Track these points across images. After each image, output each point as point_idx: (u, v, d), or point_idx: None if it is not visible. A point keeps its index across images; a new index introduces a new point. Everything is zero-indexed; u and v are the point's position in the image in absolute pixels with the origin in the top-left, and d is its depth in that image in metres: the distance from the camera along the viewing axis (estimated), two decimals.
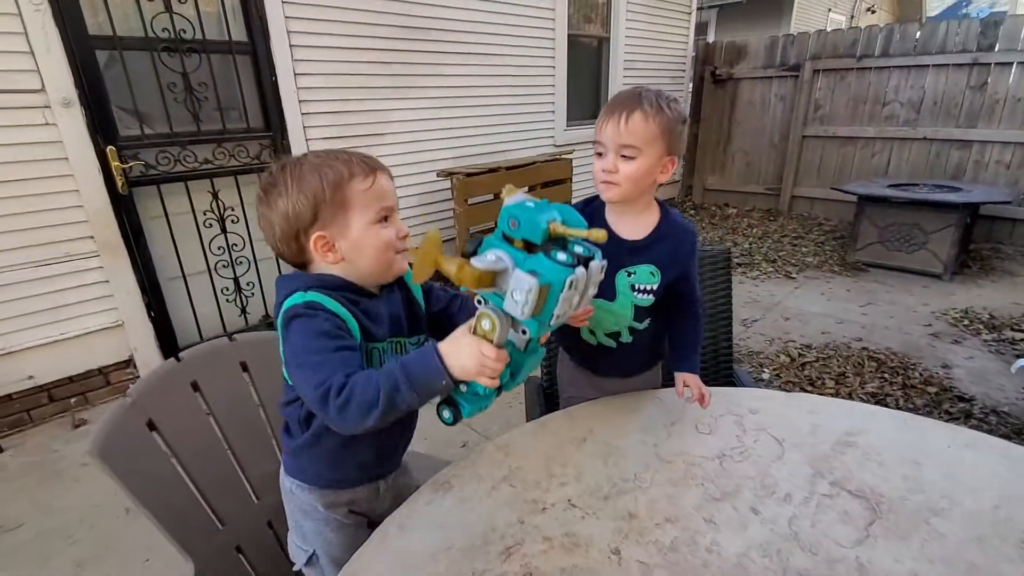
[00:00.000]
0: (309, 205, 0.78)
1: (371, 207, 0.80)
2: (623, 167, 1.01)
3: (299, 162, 0.80)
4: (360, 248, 0.80)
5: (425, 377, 0.69)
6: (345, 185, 0.79)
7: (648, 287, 1.09)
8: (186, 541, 1.00)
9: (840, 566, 0.75)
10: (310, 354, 0.73)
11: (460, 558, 0.79)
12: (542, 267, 0.63)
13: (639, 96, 1.01)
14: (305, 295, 0.77)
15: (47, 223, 2.32)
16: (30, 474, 2.19)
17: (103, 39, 2.33)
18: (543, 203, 0.67)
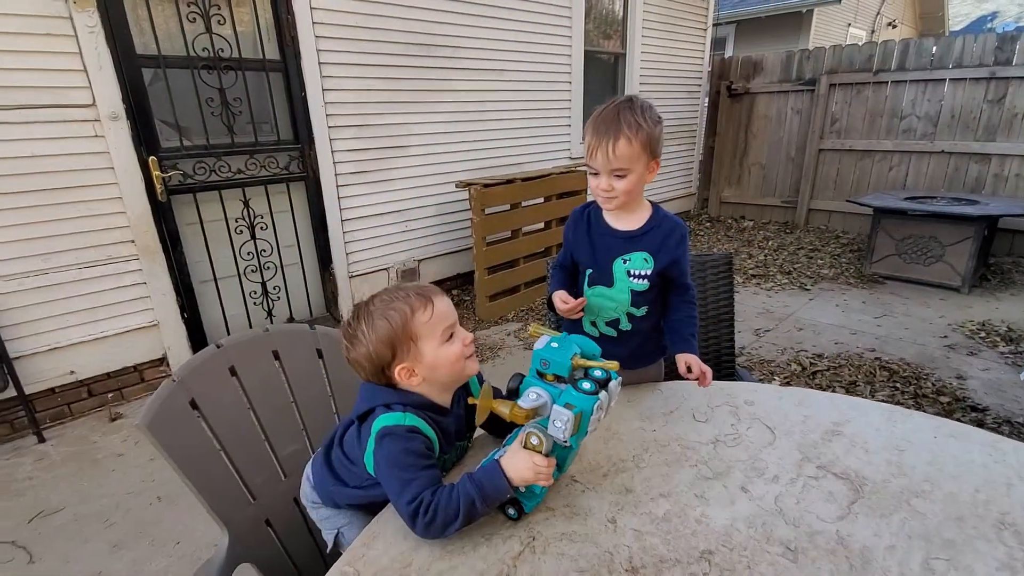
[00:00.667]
0: (386, 347, 0.90)
1: (436, 331, 0.91)
2: (617, 184, 1.15)
3: (367, 312, 0.92)
4: (436, 367, 0.92)
5: (495, 492, 0.83)
6: (410, 322, 0.90)
7: (642, 272, 1.21)
8: (222, 512, 1.09)
9: (820, 538, 0.82)
10: (406, 470, 0.85)
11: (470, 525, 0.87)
12: (573, 399, 0.80)
13: (618, 119, 1.11)
14: (405, 417, 0.89)
15: (93, 228, 2.49)
16: (70, 463, 2.33)
17: (149, 58, 2.51)
18: (566, 341, 0.87)
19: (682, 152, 6.31)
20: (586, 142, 1.17)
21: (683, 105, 6.11)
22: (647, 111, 1.13)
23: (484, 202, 3.51)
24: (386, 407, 0.91)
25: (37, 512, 2.04)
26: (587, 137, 1.16)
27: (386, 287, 0.97)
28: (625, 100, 1.15)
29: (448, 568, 0.78)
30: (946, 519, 0.85)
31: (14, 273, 2.34)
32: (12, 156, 2.25)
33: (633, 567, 0.77)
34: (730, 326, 1.57)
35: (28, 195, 2.31)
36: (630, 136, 1.10)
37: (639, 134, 1.10)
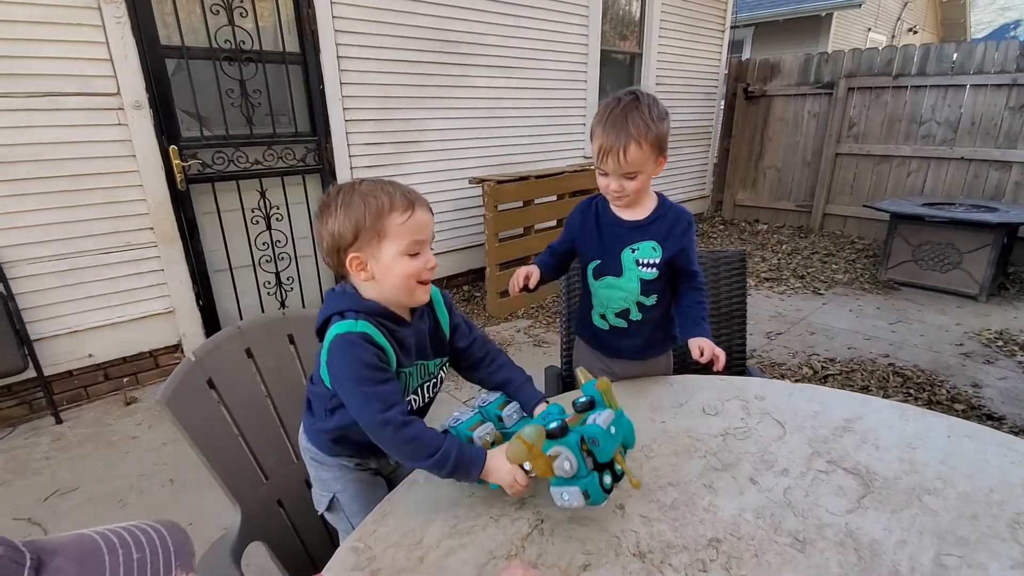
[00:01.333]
0: (351, 228, 0.88)
1: (404, 238, 0.88)
2: (628, 185, 1.16)
3: (352, 189, 0.90)
4: (388, 273, 0.89)
5: (465, 474, 0.85)
6: (385, 215, 0.87)
7: (651, 261, 1.22)
8: (235, 489, 1.11)
9: (829, 530, 0.81)
10: (363, 384, 0.85)
11: (479, 504, 0.88)
12: (592, 489, 0.79)
13: (627, 122, 1.10)
14: (357, 324, 0.87)
15: (113, 214, 2.53)
16: (86, 444, 2.37)
17: (172, 48, 2.56)
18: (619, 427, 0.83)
19: (697, 154, 6.28)
20: (595, 145, 1.16)
21: (699, 107, 6.08)
22: (653, 108, 1.12)
23: (497, 198, 3.52)
24: (340, 315, 0.90)
25: (53, 491, 2.08)
26: (596, 140, 1.15)
27: (377, 179, 0.94)
28: (631, 98, 1.13)
29: (458, 545, 0.80)
30: (959, 517, 0.84)
31: (37, 256, 2.39)
32: (39, 142, 2.30)
33: (640, 552, 0.78)
34: (742, 324, 1.57)
35: (53, 180, 2.36)
36: (640, 140, 1.10)
37: (648, 136, 1.10)
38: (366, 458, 1.08)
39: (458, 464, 0.83)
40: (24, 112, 2.24)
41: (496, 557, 0.77)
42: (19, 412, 2.51)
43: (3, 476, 2.16)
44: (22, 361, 2.39)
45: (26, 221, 2.34)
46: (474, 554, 0.78)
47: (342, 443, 1.03)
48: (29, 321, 2.41)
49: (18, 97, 2.22)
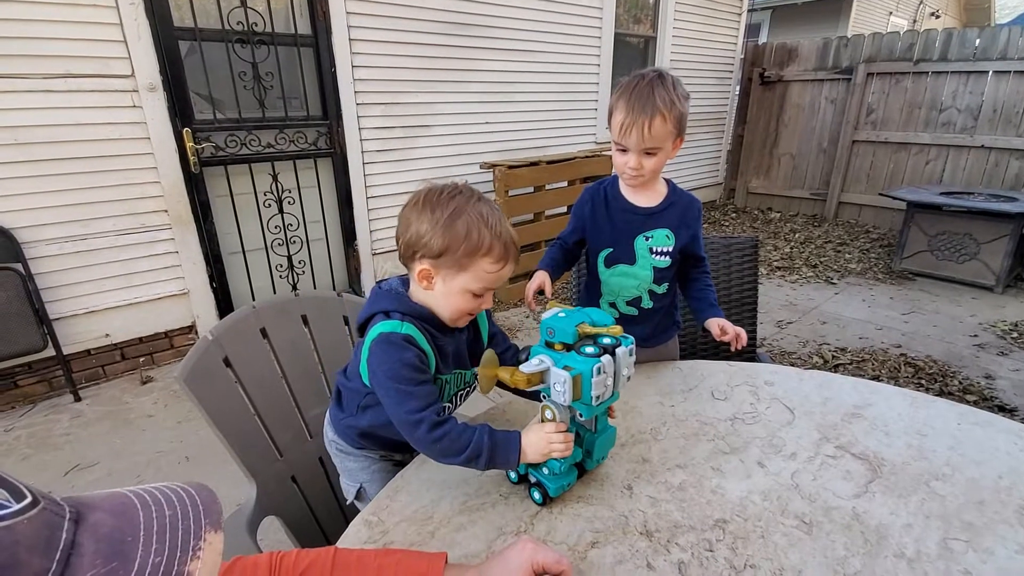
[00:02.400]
0: (440, 245, 0.84)
1: (480, 283, 0.87)
2: (647, 163, 1.13)
3: (465, 205, 0.85)
4: (446, 297, 0.89)
5: (503, 460, 0.83)
6: (478, 256, 0.85)
7: (665, 249, 1.21)
8: (251, 464, 1.13)
9: (836, 513, 0.82)
10: (400, 382, 0.85)
11: (488, 482, 0.90)
12: (574, 362, 0.78)
13: (653, 96, 1.07)
14: (402, 326, 0.87)
15: (129, 196, 2.57)
16: (104, 421, 2.43)
17: (185, 30, 2.56)
18: (575, 312, 0.84)
19: (710, 140, 6.20)
20: (616, 119, 1.12)
21: (713, 92, 5.99)
22: (678, 86, 1.11)
23: (508, 183, 3.51)
24: (385, 315, 0.89)
25: (73, 466, 2.14)
26: (618, 113, 1.11)
27: (493, 205, 0.89)
28: (656, 75, 1.10)
29: (468, 522, 0.81)
30: (967, 502, 0.84)
31: (55, 237, 2.43)
32: (55, 123, 2.32)
33: (648, 531, 0.79)
34: (753, 310, 1.57)
35: (70, 162, 2.39)
36: (665, 114, 1.07)
37: (673, 111, 1.08)
38: (391, 452, 1.09)
39: (493, 454, 0.82)
40: (41, 93, 2.27)
41: (505, 533, 0.79)
42: (40, 389, 2.58)
43: (25, 451, 2.23)
44: (42, 340, 2.44)
45: (44, 202, 2.38)
46: (484, 530, 0.80)
47: (370, 439, 1.04)
48: (48, 301, 2.46)
49: (35, 78, 2.24)
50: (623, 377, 0.81)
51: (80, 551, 0.31)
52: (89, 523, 0.32)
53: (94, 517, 0.33)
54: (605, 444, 0.90)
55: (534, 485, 0.85)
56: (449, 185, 0.89)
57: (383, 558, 0.66)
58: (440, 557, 0.67)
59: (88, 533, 0.32)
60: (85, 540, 0.31)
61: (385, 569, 0.64)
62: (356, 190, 3.31)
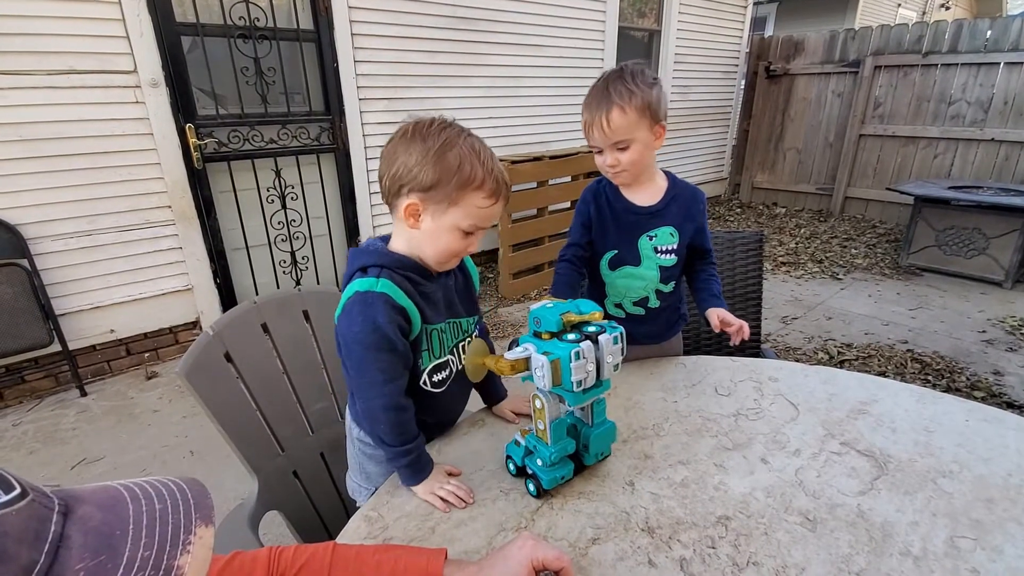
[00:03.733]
0: (432, 178, 0.80)
1: (470, 219, 0.84)
2: (622, 157, 1.11)
3: (456, 138, 0.82)
4: (435, 236, 0.85)
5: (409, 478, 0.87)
6: (469, 189, 0.82)
7: (670, 247, 1.19)
8: (252, 460, 1.13)
9: (840, 510, 0.81)
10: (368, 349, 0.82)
11: (489, 477, 0.89)
12: (554, 347, 0.79)
13: (608, 91, 1.07)
14: (378, 283, 0.82)
15: (133, 192, 2.57)
16: (110, 416, 2.44)
17: (188, 26, 2.56)
18: (561, 304, 0.83)
19: (715, 135, 6.15)
20: (582, 121, 1.13)
21: (719, 86, 5.94)
22: (638, 75, 1.08)
23: (511, 179, 3.49)
24: (362, 272, 0.85)
25: (79, 460, 2.16)
26: (583, 116, 1.12)
27: (482, 142, 0.86)
28: (614, 71, 1.10)
29: (468, 518, 0.81)
30: (975, 500, 0.83)
31: (60, 233, 2.44)
32: (59, 120, 2.33)
33: (649, 527, 0.78)
34: (757, 305, 1.55)
35: (74, 158, 2.40)
36: (622, 105, 1.06)
37: (632, 100, 1.06)
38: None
39: (408, 466, 0.86)
40: (45, 90, 2.27)
41: (506, 529, 0.78)
42: (46, 384, 2.59)
43: (32, 445, 2.24)
44: (48, 335, 2.45)
45: (49, 198, 2.39)
46: (484, 526, 0.79)
47: None
48: (54, 296, 2.47)
49: (39, 75, 2.25)
50: (608, 365, 0.80)
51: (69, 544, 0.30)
52: (78, 516, 0.32)
53: (83, 510, 0.32)
54: (603, 439, 0.88)
55: (530, 476, 0.85)
56: (437, 117, 0.85)
57: (382, 554, 0.66)
58: (440, 553, 0.66)
59: (77, 526, 0.31)
60: (74, 533, 0.31)
61: (384, 565, 0.64)
62: (359, 185, 3.31)
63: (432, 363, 0.93)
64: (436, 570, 0.64)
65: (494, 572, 0.64)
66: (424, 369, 0.92)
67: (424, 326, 0.89)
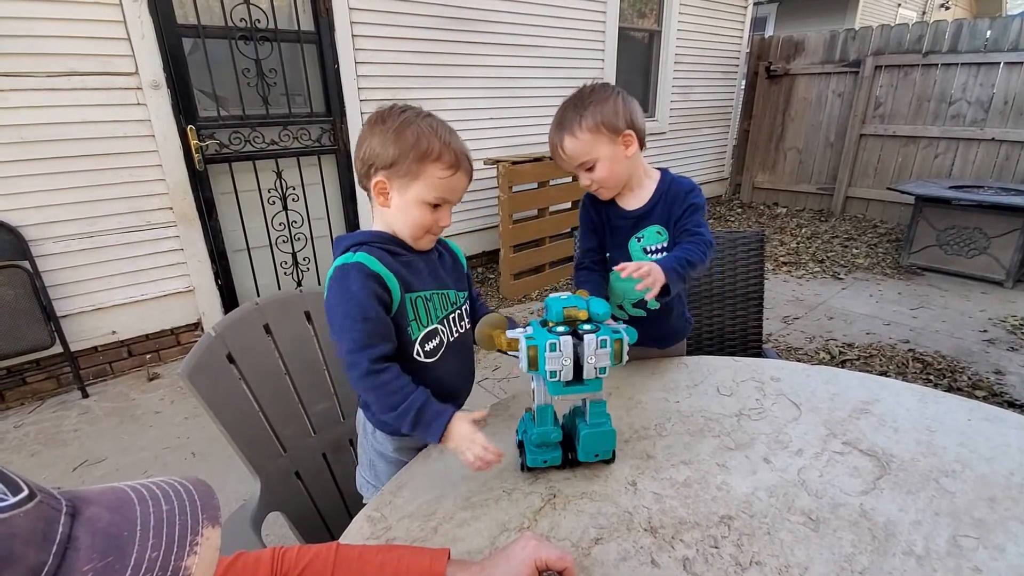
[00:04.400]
0: (392, 155, 0.87)
1: (433, 191, 0.89)
2: (594, 176, 1.12)
3: (413, 118, 0.88)
4: (404, 211, 0.90)
5: (424, 434, 0.84)
6: (427, 162, 0.87)
7: (658, 246, 1.18)
8: (254, 460, 1.13)
9: (843, 510, 0.81)
10: (347, 318, 0.84)
11: (492, 478, 0.89)
12: (537, 334, 0.82)
13: (559, 119, 1.09)
14: (354, 255, 0.87)
15: (134, 194, 2.58)
16: (112, 417, 2.45)
17: (189, 27, 2.56)
18: (575, 298, 0.86)
19: (716, 135, 6.16)
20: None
21: (719, 86, 5.94)
22: (587, 95, 1.08)
23: (512, 179, 3.50)
24: (344, 251, 0.90)
25: (81, 461, 2.16)
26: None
27: (441, 121, 0.92)
28: (570, 98, 1.11)
29: (471, 518, 0.81)
30: (977, 499, 0.83)
31: (61, 235, 2.44)
32: (60, 122, 2.33)
33: (652, 527, 0.78)
34: (759, 305, 1.55)
35: (75, 160, 2.40)
36: (571, 129, 1.07)
37: (582, 122, 1.06)
38: None
39: (416, 425, 0.83)
40: (46, 92, 2.28)
41: (508, 530, 0.78)
42: (48, 386, 2.60)
43: (34, 447, 2.24)
44: (49, 337, 2.46)
45: (50, 200, 2.39)
46: (487, 526, 0.79)
47: None
48: (55, 298, 2.47)
49: (40, 77, 2.25)
50: (590, 365, 0.80)
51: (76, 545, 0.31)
52: (86, 517, 0.32)
53: (91, 511, 0.32)
54: (595, 440, 0.88)
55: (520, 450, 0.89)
56: (399, 104, 0.92)
57: (385, 554, 0.66)
58: (443, 553, 0.66)
59: (85, 527, 0.31)
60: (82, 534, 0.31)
61: (387, 565, 0.64)
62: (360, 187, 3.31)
63: (422, 332, 0.94)
64: (439, 570, 0.64)
65: (497, 572, 0.64)
66: (415, 339, 0.94)
67: (407, 295, 0.91)
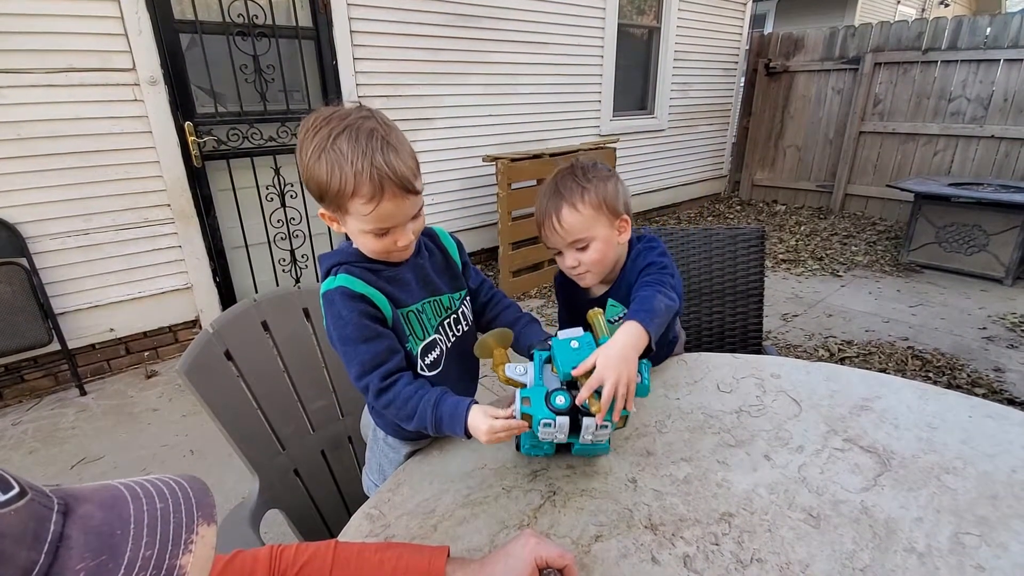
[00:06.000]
0: (315, 189, 0.79)
1: (367, 223, 0.79)
2: (583, 257, 1.03)
3: (324, 142, 0.75)
4: (355, 239, 0.85)
5: (449, 429, 0.82)
6: (345, 199, 0.77)
7: (619, 317, 1.11)
8: (253, 458, 1.13)
9: (844, 507, 0.81)
10: (346, 343, 0.84)
11: (491, 475, 0.89)
12: (536, 400, 0.79)
13: (558, 191, 1.02)
14: (335, 279, 0.84)
15: (131, 190, 2.56)
16: (110, 415, 2.44)
17: (186, 23, 2.55)
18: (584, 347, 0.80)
19: (715, 133, 6.15)
20: (537, 226, 1.07)
21: (718, 84, 5.93)
22: (590, 170, 1.03)
23: (511, 177, 3.48)
24: (327, 274, 0.87)
25: (79, 459, 2.15)
26: (537, 223, 1.07)
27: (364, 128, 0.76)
28: (565, 168, 1.05)
29: (470, 515, 0.80)
30: (979, 496, 0.82)
31: (59, 232, 2.43)
32: (58, 118, 2.32)
33: (652, 524, 0.78)
34: (759, 302, 1.55)
35: (73, 157, 2.39)
36: (574, 202, 1.00)
37: (585, 195, 1.00)
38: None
39: (438, 426, 0.82)
40: (43, 88, 2.26)
41: (508, 527, 0.78)
42: (45, 384, 2.59)
43: (32, 445, 2.24)
44: (47, 334, 2.45)
45: (48, 197, 2.38)
46: (486, 524, 0.79)
47: None
48: (52, 295, 2.46)
49: (37, 73, 2.24)
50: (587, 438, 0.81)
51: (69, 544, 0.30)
52: (78, 515, 0.31)
53: (83, 509, 0.32)
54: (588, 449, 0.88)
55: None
56: (322, 112, 0.79)
57: (384, 552, 0.65)
58: (442, 551, 0.66)
59: (77, 525, 0.31)
60: (74, 533, 0.31)
61: (386, 563, 0.64)
62: None
63: (420, 346, 0.92)
64: (438, 568, 0.63)
65: (497, 570, 0.63)
66: (416, 355, 0.92)
67: (398, 311, 0.89)
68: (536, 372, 0.83)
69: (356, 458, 1.32)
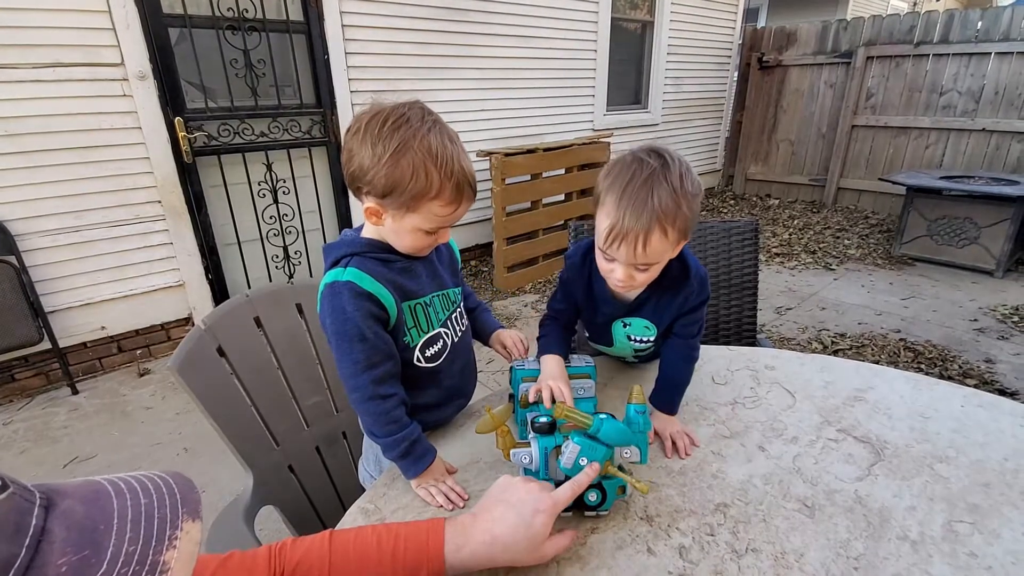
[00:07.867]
0: (385, 185, 0.77)
1: (431, 223, 0.81)
2: (639, 276, 0.89)
3: (411, 140, 0.76)
4: (399, 235, 0.84)
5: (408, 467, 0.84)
6: (425, 200, 0.78)
7: (644, 339, 1.05)
8: (247, 455, 1.12)
9: (838, 496, 0.81)
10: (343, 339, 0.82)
11: (487, 470, 0.89)
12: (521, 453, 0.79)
13: (652, 200, 0.81)
14: (345, 272, 0.82)
15: (121, 187, 2.54)
16: (102, 414, 2.42)
17: (175, 17, 2.52)
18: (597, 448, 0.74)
19: (708, 127, 6.15)
20: (603, 221, 0.85)
21: (711, 78, 5.93)
22: (687, 177, 0.83)
23: (505, 172, 3.48)
24: (335, 264, 0.85)
25: (71, 458, 2.14)
26: (605, 215, 0.85)
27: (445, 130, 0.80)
28: (658, 163, 0.83)
29: (465, 509, 0.80)
30: (972, 484, 0.83)
31: (48, 229, 2.41)
32: (46, 114, 2.29)
33: (648, 516, 0.78)
34: (753, 296, 1.55)
35: (61, 152, 2.36)
36: (667, 227, 0.82)
37: (678, 220, 0.82)
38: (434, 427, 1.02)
39: (401, 457, 0.84)
40: (31, 83, 2.23)
41: None
42: (36, 383, 2.56)
43: (23, 444, 2.22)
44: (37, 333, 2.42)
45: (37, 194, 2.35)
46: None
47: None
48: (43, 293, 2.44)
49: (24, 68, 2.21)
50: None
51: (51, 538, 0.30)
52: (60, 510, 0.31)
53: (66, 504, 0.31)
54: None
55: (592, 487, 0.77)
56: (395, 109, 0.78)
57: (380, 529, 0.65)
58: (439, 521, 0.66)
59: (59, 520, 0.30)
60: (56, 527, 0.30)
61: (384, 538, 0.63)
62: None
63: (422, 339, 0.92)
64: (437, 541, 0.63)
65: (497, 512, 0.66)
66: (414, 346, 0.91)
67: (406, 304, 0.88)
68: (541, 463, 0.77)
69: (351, 454, 1.32)
